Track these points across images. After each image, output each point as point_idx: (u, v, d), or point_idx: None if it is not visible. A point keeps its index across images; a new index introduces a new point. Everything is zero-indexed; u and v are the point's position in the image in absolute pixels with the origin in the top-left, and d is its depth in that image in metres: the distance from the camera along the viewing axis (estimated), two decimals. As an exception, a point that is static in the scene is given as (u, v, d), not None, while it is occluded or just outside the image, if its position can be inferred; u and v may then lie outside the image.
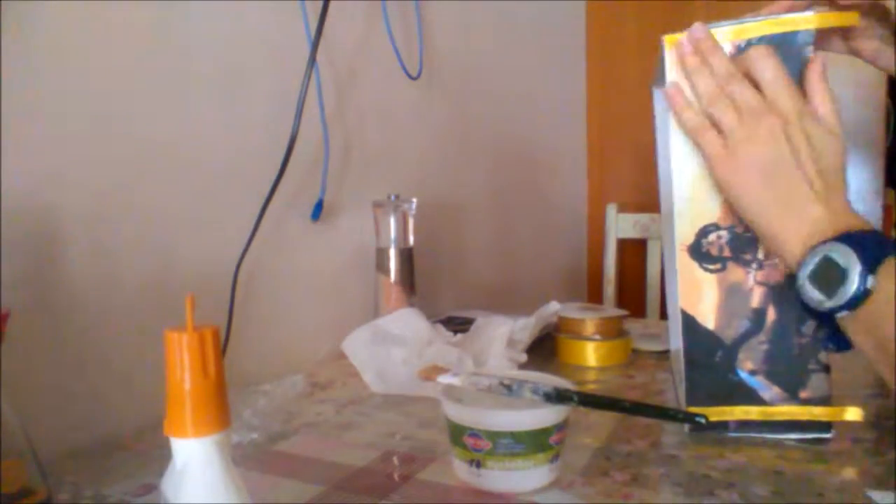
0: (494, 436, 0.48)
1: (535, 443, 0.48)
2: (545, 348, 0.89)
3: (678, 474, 0.52)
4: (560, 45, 1.66)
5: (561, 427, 0.50)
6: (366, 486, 0.51)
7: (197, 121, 0.74)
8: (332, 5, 0.84)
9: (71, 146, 0.62)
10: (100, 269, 0.64)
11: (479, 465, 0.49)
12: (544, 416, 0.49)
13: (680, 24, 0.56)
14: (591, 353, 0.84)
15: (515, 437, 0.48)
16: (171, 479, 0.33)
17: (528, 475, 0.49)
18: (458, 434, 0.50)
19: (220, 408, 0.33)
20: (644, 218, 1.58)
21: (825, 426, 0.57)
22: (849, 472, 0.53)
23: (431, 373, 0.55)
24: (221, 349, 0.34)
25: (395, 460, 0.57)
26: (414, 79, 1.06)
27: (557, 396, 0.50)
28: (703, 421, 0.49)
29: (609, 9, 1.69)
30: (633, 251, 1.65)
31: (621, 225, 1.60)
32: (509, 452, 0.48)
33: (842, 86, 1.43)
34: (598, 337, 0.85)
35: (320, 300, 0.91)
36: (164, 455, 0.33)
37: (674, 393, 0.71)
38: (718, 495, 0.49)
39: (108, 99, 0.65)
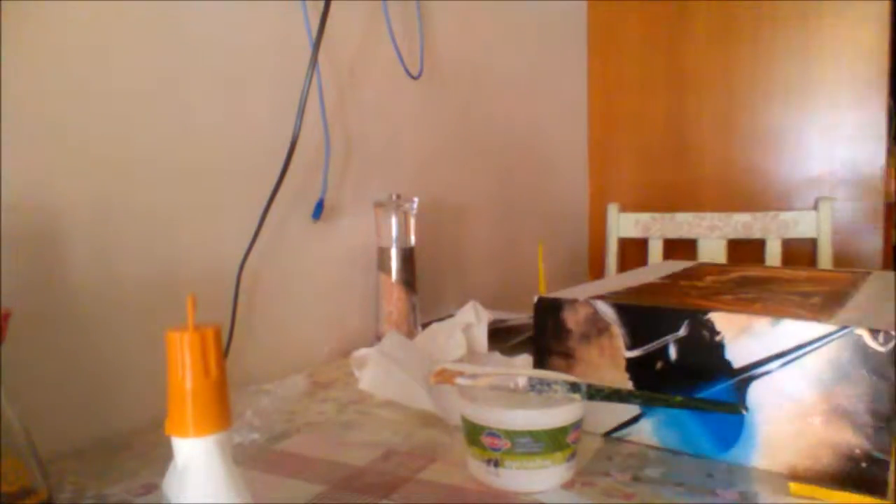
0: (513, 435, 0.48)
1: (553, 441, 0.48)
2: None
3: (680, 474, 0.52)
4: (561, 44, 1.66)
5: (577, 426, 0.50)
6: (367, 485, 0.51)
7: (198, 120, 0.74)
8: (333, 5, 0.84)
9: (71, 146, 0.62)
10: (101, 269, 0.64)
11: (496, 464, 0.49)
12: (562, 414, 0.49)
13: (681, 24, 0.56)
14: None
15: (534, 435, 0.48)
16: (173, 479, 0.33)
17: (546, 474, 0.49)
18: (475, 434, 0.50)
19: (222, 407, 0.33)
20: (645, 217, 1.58)
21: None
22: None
23: (446, 376, 0.54)
24: (224, 349, 0.34)
25: (397, 460, 0.56)
26: (415, 78, 1.06)
27: (605, 394, 0.50)
28: (744, 413, 0.49)
29: (611, 8, 1.69)
30: (635, 251, 1.65)
31: (622, 224, 1.60)
32: (527, 451, 0.48)
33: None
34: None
35: (322, 299, 0.91)
36: (165, 455, 0.33)
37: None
38: (720, 495, 0.49)
39: (108, 98, 0.65)
